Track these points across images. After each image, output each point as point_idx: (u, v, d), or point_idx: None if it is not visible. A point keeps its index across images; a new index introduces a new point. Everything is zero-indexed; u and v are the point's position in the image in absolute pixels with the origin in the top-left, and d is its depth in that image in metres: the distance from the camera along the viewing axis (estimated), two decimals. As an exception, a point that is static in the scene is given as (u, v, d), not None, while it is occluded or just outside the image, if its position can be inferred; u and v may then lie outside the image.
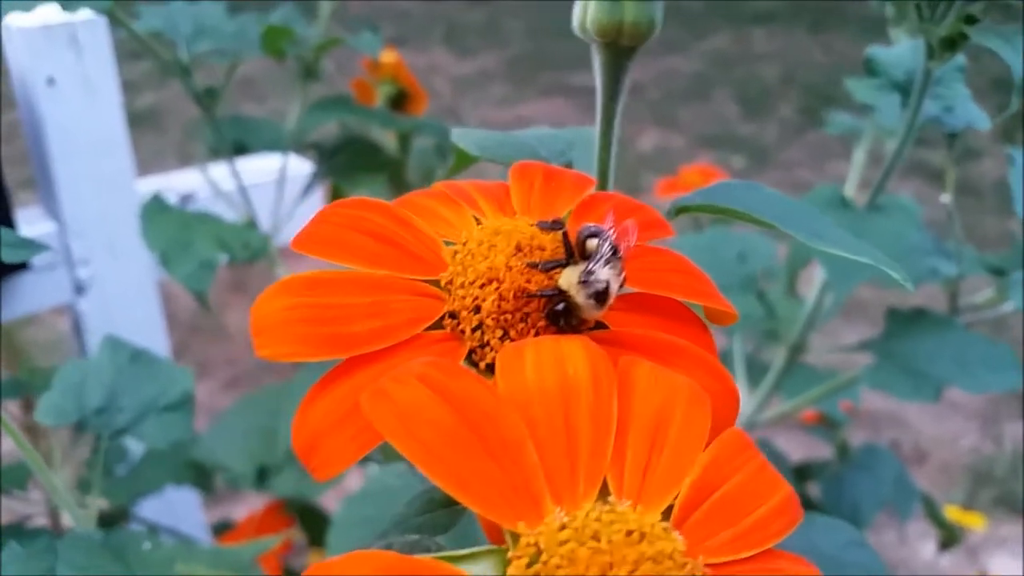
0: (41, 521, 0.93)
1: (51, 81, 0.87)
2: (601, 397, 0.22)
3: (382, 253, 0.26)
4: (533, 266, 0.25)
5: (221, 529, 1.08)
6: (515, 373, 0.22)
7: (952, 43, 0.50)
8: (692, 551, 0.20)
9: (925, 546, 1.66)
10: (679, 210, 0.31)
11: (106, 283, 0.96)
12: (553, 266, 0.25)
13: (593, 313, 0.25)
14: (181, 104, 3.49)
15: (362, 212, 0.27)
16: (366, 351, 0.24)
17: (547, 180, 0.29)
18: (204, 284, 0.87)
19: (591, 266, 0.24)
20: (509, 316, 0.25)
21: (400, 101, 1.26)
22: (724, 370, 0.26)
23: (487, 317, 0.25)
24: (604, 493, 0.21)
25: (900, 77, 0.60)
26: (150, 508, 0.95)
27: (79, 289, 0.95)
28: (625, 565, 0.19)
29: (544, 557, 0.19)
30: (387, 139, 1.25)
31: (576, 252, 0.26)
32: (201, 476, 0.96)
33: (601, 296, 0.24)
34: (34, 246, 0.55)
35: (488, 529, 0.22)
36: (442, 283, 0.26)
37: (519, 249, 0.26)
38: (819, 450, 1.36)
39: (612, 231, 0.25)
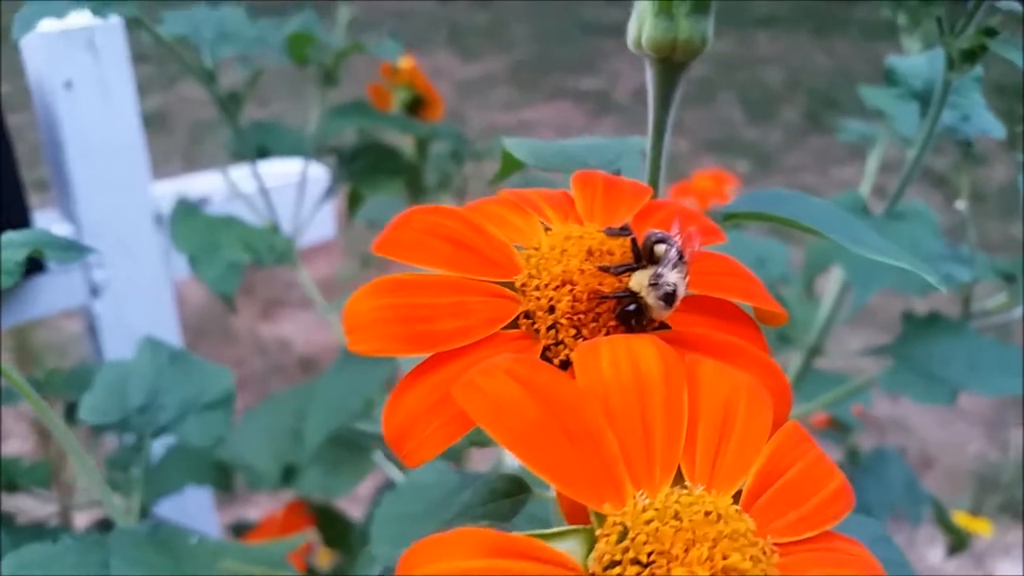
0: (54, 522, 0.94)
1: (68, 84, 0.88)
2: (673, 391, 0.24)
3: (460, 257, 0.28)
4: (604, 269, 0.27)
5: (239, 530, 1.10)
6: (592, 368, 0.24)
7: (972, 55, 0.52)
8: (761, 531, 0.22)
9: (932, 551, 1.67)
10: (728, 216, 0.33)
11: (121, 285, 0.97)
12: (624, 270, 0.27)
13: (662, 314, 0.27)
14: (186, 107, 3.51)
15: (439, 218, 0.29)
16: (449, 348, 0.26)
17: (607, 189, 0.31)
18: (231, 287, 0.89)
19: (660, 269, 0.26)
20: (582, 316, 0.27)
21: (416, 107, 1.28)
22: (779, 368, 0.28)
23: (561, 317, 0.27)
24: (678, 480, 0.23)
25: (919, 87, 0.62)
26: (163, 508, 0.97)
27: (94, 291, 0.96)
28: (706, 542, 0.21)
29: (631, 534, 0.21)
30: (404, 144, 1.27)
31: (644, 256, 0.28)
32: (222, 476, 0.98)
33: (670, 298, 0.26)
34: (81, 249, 0.57)
35: (568, 511, 0.24)
36: (516, 285, 0.28)
37: (590, 254, 0.28)
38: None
39: (679, 237, 0.27)
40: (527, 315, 0.27)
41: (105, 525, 0.96)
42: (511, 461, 0.54)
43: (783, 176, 3.28)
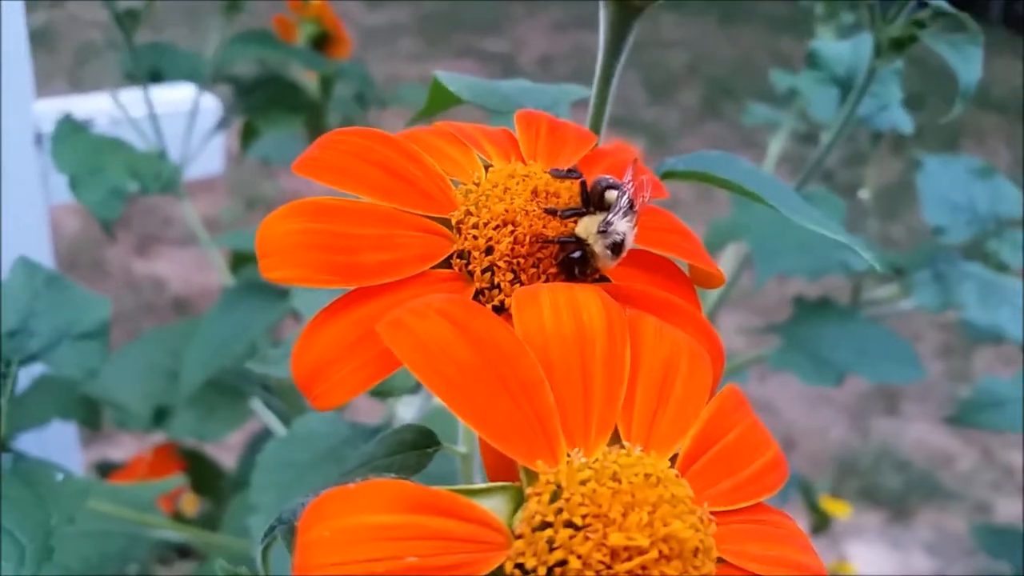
0: None
1: (-53, -13, 0.81)
2: (615, 346, 0.22)
3: (392, 186, 0.25)
4: (551, 212, 0.25)
5: (105, 469, 1.04)
6: (532, 316, 0.22)
7: (900, 44, 0.52)
8: (696, 499, 0.21)
9: (793, 529, 1.74)
10: (666, 175, 0.32)
11: (-5, 206, 0.90)
12: (571, 214, 0.25)
13: (608, 264, 0.25)
14: (74, 27, 3.31)
15: (370, 143, 0.26)
16: (374, 283, 0.24)
17: (552, 131, 0.29)
18: (113, 212, 0.83)
19: (611, 217, 0.25)
20: (522, 260, 0.25)
21: (322, 43, 1.23)
22: (714, 331, 0.26)
23: (500, 259, 0.25)
24: (614, 440, 0.22)
25: (841, 73, 0.62)
26: (24, 442, 0.91)
27: (-35, 212, 0.89)
28: (645, 506, 0.19)
29: (565, 495, 0.20)
30: (307, 81, 1.22)
31: (593, 202, 0.26)
32: (90, 412, 0.93)
33: (617, 248, 0.25)
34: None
35: (492, 466, 0.22)
36: (452, 222, 0.26)
37: (535, 194, 0.26)
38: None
39: (631, 185, 0.26)
40: (461, 255, 0.25)
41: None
42: (405, 414, 0.53)
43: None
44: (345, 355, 0.23)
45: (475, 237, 0.25)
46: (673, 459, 0.22)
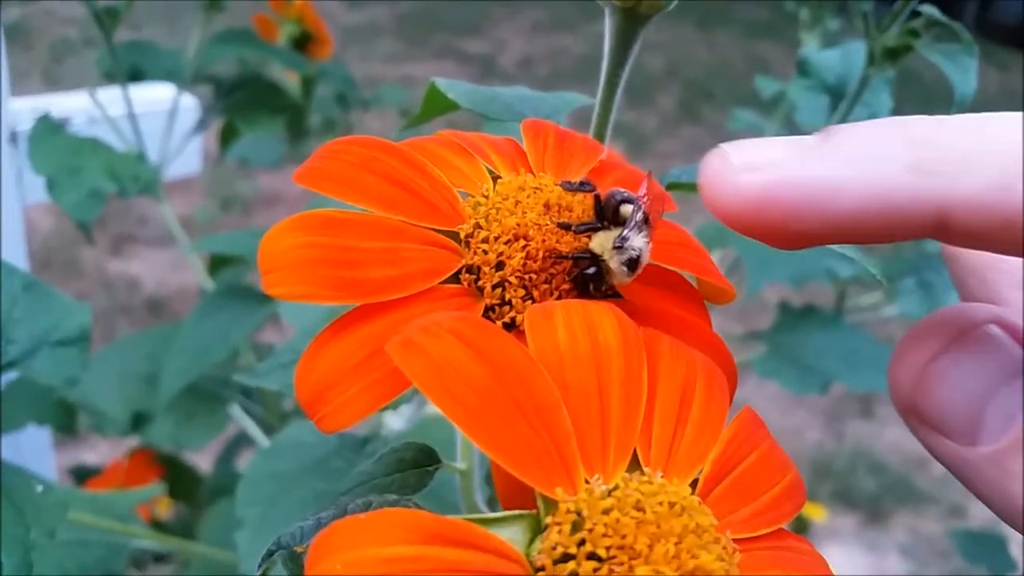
0: None
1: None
2: (632, 366, 0.22)
3: (397, 198, 0.24)
4: (564, 227, 0.25)
5: (81, 475, 1.02)
6: (546, 335, 0.22)
7: (895, 53, 0.52)
8: (719, 526, 0.20)
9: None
10: (671, 186, 0.31)
11: (-33, 207, 0.88)
12: (585, 229, 0.25)
13: (623, 280, 0.24)
14: (49, 23, 3.27)
15: (374, 152, 0.25)
16: (381, 299, 0.23)
17: (559, 141, 0.28)
18: (91, 215, 0.81)
19: (626, 232, 0.24)
20: (534, 276, 0.24)
21: (304, 43, 1.22)
22: (727, 348, 0.26)
23: (511, 275, 0.24)
24: (632, 465, 0.21)
25: (831, 80, 0.62)
26: (-4, 446, 0.89)
27: (-62, 213, 0.87)
28: (671, 537, 0.19)
29: (587, 525, 0.19)
30: (288, 82, 1.21)
31: (607, 217, 0.25)
32: (66, 417, 0.91)
33: (634, 264, 0.24)
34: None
35: (505, 492, 0.22)
36: (461, 236, 0.25)
37: (548, 208, 0.25)
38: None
39: (645, 199, 0.25)
40: (470, 270, 0.25)
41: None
42: (393, 424, 0.52)
43: (655, 161, 3.34)
44: (351, 375, 0.22)
45: (485, 252, 0.24)
46: (693, 484, 0.22)
